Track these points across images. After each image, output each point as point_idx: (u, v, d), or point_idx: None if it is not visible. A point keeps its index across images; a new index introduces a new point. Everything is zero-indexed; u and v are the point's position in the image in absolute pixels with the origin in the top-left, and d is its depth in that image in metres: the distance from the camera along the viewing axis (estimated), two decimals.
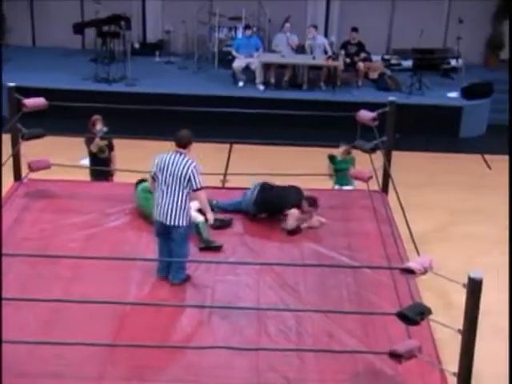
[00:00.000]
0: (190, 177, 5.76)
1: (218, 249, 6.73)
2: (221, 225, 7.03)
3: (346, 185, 8.57)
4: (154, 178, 5.98)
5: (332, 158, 8.51)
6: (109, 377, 5.02)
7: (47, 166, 7.94)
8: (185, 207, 5.86)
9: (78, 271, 6.17)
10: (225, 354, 5.21)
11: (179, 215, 5.85)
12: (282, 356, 5.25)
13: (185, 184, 5.79)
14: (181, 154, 5.85)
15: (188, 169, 5.77)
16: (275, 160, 10.37)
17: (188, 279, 6.12)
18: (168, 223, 5.87)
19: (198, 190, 5.87)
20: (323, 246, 6.91)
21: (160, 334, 5.49)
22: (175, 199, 5.81)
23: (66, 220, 7.19)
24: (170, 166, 5.80)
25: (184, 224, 5.89)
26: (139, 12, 15.03)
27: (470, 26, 13.85)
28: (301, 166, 7.89)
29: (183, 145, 5.88)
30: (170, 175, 5.80)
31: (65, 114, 9.39)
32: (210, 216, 6.17)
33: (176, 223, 5.87)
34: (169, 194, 5.82)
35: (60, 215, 7.30)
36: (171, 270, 6.06)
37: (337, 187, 8.64)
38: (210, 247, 6.74)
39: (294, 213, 7.02)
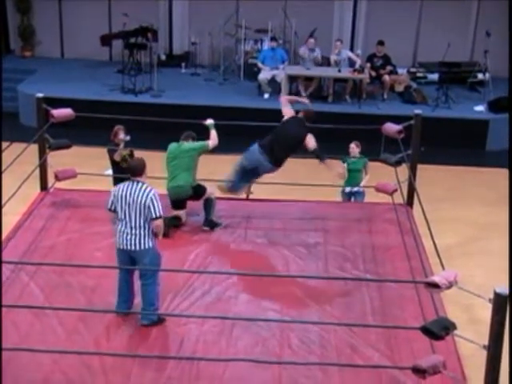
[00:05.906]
0: (149, 205, 5.55)
1: (220, 226, 7.32)
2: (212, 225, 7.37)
3: (357, 185, 8.58)
4: (111, 211, 5.75)
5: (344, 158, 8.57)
6: None
7: (73, 176, 8.03)
8: (146, 234, 5.62)
9: (103, 280, 6.21)
10: (247, 366, 5.21)
11: (143, 241, 5.60)
12: (304, 369, 5.23)
13: (145, 212, 5.56)
14: (138, 183, 5.65)
15: (147, 197, 5.56)
16: (299, 172, 10.36)
17: (161, 322, 5.73)
18: (132, 249, 5.61)
19: (157, 218, 5.61)
20: (347, 259, 6.90)
21: (182, 344, 5.50)
22: (136, 227, 5.58)
23: (91, 229, 7.26)
24: (129, 196, 5.59)
25: (149, 246, 5.62)
26: (166, 24, 15.14)
27: (498, 40, 13.74)
28: (325, 178, 7.88)
29: (138, 173, 5.68)
30: (128, 205, 5.58)
31: (91, 125, 9.47)
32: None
33: (141, 247, 5.60)
34: (129, 223, 5.60)
35: (85, 224, 7.37)
36: (142, 309, 5.70)
37: (347, 189, 8.62)
38: (213, 226, 7.31)
39: (310, 136, 7.38)
